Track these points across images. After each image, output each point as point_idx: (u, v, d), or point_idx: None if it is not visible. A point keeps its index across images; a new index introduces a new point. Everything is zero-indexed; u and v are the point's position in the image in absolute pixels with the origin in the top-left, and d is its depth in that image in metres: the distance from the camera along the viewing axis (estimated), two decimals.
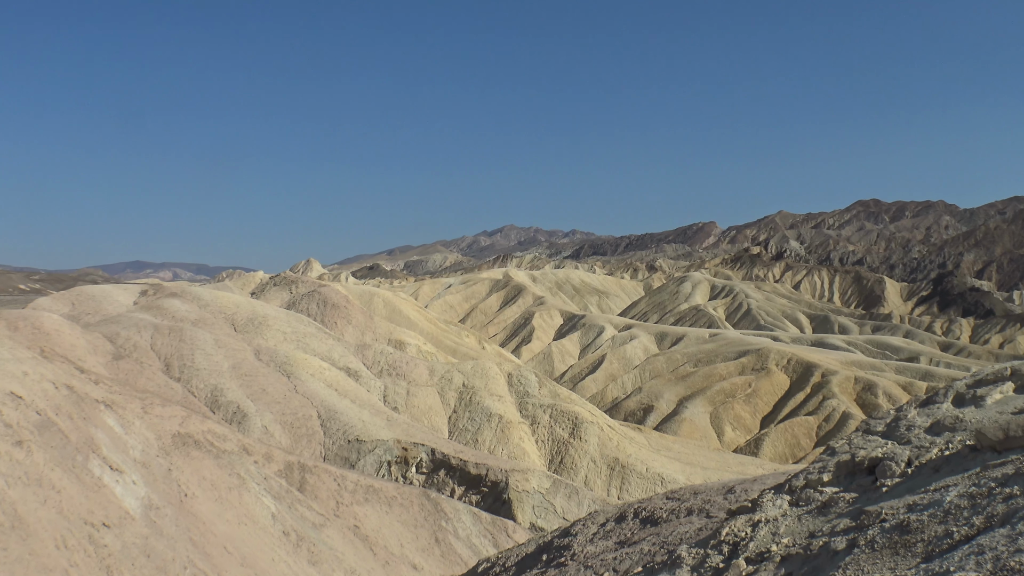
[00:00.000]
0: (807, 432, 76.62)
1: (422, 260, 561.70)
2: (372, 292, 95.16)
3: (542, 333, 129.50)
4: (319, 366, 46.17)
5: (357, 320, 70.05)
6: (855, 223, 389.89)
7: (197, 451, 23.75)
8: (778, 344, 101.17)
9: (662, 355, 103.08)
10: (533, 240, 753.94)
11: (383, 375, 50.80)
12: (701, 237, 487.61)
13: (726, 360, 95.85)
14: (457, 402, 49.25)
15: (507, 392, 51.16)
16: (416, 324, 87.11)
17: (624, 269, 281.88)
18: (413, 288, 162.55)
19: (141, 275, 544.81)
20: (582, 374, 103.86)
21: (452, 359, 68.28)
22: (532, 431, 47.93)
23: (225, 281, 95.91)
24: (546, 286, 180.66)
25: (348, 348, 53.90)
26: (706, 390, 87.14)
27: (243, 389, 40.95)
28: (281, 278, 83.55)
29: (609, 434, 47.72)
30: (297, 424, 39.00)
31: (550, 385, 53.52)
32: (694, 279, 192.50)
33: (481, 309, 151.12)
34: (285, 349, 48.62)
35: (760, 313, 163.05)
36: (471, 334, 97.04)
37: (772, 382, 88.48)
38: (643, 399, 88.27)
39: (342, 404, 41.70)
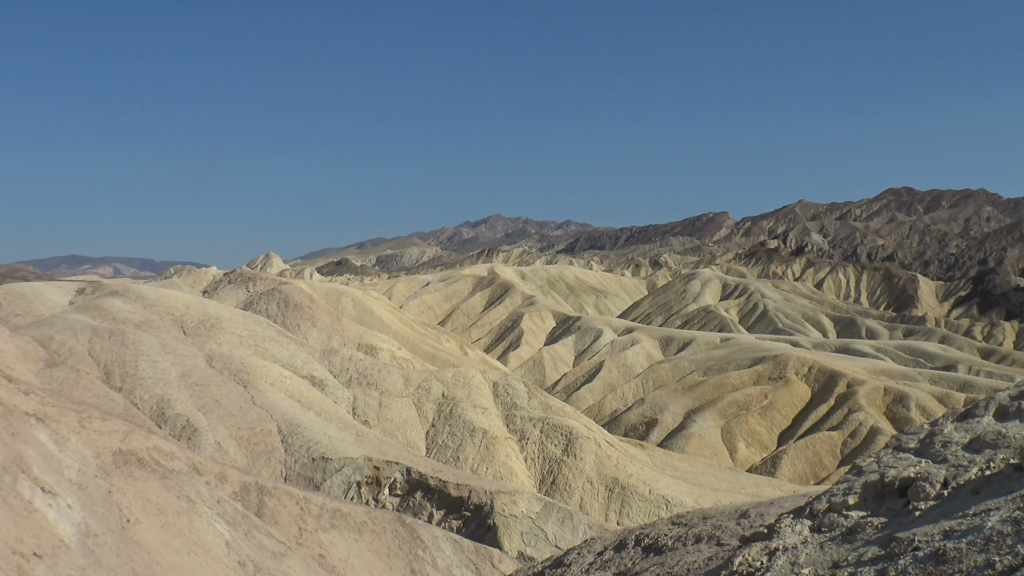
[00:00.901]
0: (830, 449, 76.87)
1: (396, 255, 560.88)
2: (340, 291, 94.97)
3: (532, 337, 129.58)
4: (279, 374, 46.08)
5: (323, 322, 69.93)
6: (885, 214, 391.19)
7: (141, 471, 23.67)
8: (798, 350, 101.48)
9: (667, 362, 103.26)
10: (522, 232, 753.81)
11: (352, 384, 50.74)
12: (711, 229, 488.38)
13: (739, 368, 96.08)
14: (436, 415, 49.23)
15: (492, 404, 51.18)
16: (390, 327, 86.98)
17: (624, 265, 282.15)
18: (386, 286, 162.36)
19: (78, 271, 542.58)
20: (577, 383, 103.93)
21: (430, 366, 68.25)
22: (520, 448, 47.96)
23: (173, 278, 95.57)
24: (536, 284, 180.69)
25: (312, 354, 53.82)
26: (717, 402, 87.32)
27: (193, 400, 40.84)
28: (237, 275, 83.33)
29: (607, 451, 47.77)
30: (255, 440, 38.92)
31: (541, 396, 53.55)
32: (703, 277, 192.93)
33: (463, 310, 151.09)
34: (241, 355, 48.52)
35: (778, 315, 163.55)
36: (452, 338, 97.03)
37: (791, 393, 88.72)
38: (646, 412, 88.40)
39: (306, 417, 41.64)
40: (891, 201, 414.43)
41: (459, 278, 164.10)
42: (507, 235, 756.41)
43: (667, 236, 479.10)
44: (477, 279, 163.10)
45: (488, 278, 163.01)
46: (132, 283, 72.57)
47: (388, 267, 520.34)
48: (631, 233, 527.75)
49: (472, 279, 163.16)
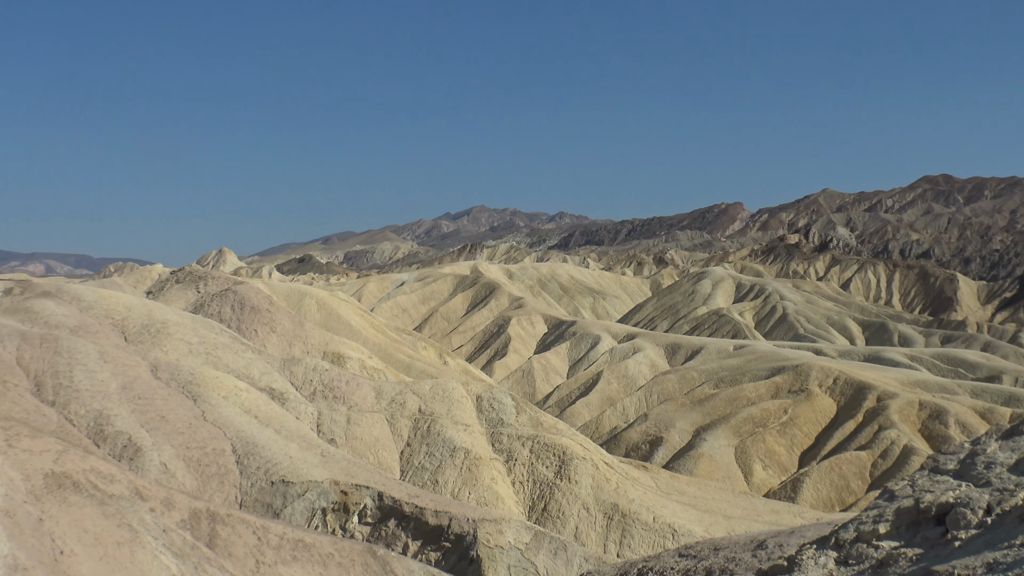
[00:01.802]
0: (859, 471, 77.06)
1: (367, 251, 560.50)
2: (303, 291, 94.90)
3: (521, 344, 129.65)
4: (234, 386, 46.00)
5: (283, 327, 69.86)
6: (920, 205, 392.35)
7: (77, 496, 23.61)
8: (822, 359, 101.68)
9: (674, 373, 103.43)
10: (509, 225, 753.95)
11: (316, 398, 50.68)
12: (724, 222, 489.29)
13: (755, 379, 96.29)
14: (412, 433, 49.22)
15: (476, 420, 51.19)
16: (359, 332, 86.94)
17: (625, 262, 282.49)
18: (355, 286, 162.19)
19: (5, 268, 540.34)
20: (572, 397, 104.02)
21: (405, 377, 68.21)
22: (508, 469, 47.98)
23: (113, 277, 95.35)
24: (526, 284, 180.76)
25: (272, 363, 53.75)
26: (730, 418, 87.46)
27: (136, 416, 40.75)
28: (185, 273, 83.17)
29: (606, 473, 47.82)
30: (206, 461, 38.84)
31: (531, 411, 53.57)
32: (715, 276, 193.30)
33: (443, 313, 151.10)
34: (191, 364, 48.43)
35: (799, 319, 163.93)
36: (430, 345, 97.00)
37: (814, 407, 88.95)
38: (650, 429, 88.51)
39: (264, 435, 41.58)
40: (927, 190, 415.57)
41: (438, 277, 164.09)
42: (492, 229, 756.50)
43: (673, 230, 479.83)
44: (458, 278, 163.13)
45: (471, 277, 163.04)
46: (67, 282, 72.27)
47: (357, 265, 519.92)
48: (633, 227, 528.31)
49: (453, 278, 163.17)
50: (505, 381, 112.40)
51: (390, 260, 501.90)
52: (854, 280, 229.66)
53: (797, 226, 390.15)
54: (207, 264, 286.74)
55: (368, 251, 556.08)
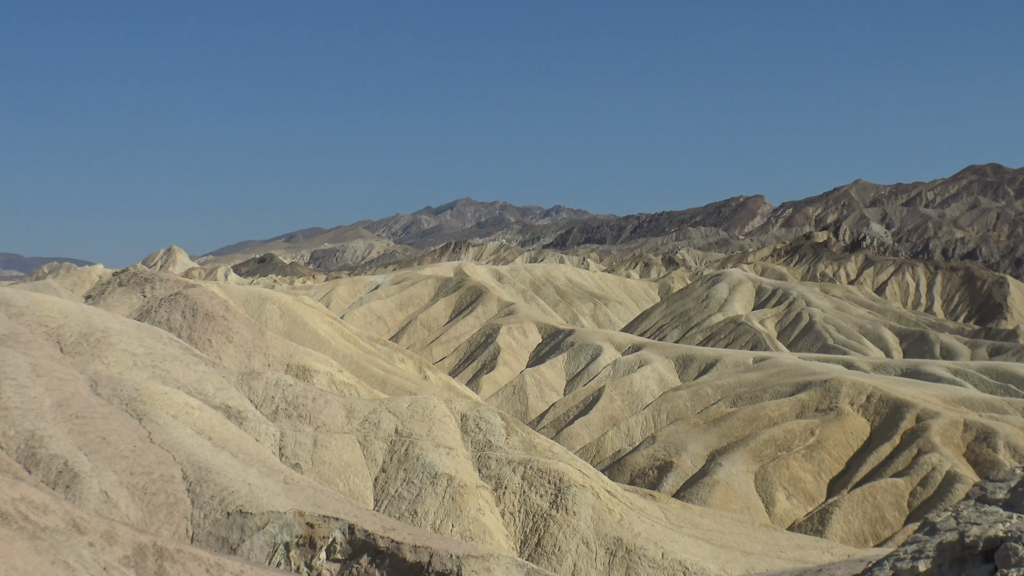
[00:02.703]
0: (895, 500, 77.19)
1: (336, 250, 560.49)
2: (263, 296, 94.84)
3: (511, 356, 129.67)
4: (185, 404, 45.94)
5: (241, 337, 69.76)
6: (965, 198, 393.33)
7: (5, 528, 23.57)
8: (853, 373, 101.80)
9: (685, 389, 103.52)
10: (498, 221, 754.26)
11: (279, 417, 50.64)
12: (743, 217, 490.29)
13: (778, 396, 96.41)
14: (387, 457, 49.19)
15: (460, 442, 51.17)
16: (327, 343, 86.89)
17: (631, 263, 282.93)
18: (323, 290, 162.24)
19: None
20: (569, 416, 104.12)
21: (380, 394, 68.22)
22: (497, 499, 47.98)
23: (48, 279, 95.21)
24: (517, 287, 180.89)
25: (228, 378, 53.67)
26: (749, 440, 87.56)
27: (73, 437, 40.68)
28: (130, 275, 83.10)
29: (608, 503, 47.83)
30: (153, 489, 38.79)
31: (523, 432, 53.58)
32: (732, 278, 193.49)
33: (423, 321, 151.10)
34: (135, 379, 48.36)
35: (827, 328, 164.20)
36: (408, 357, 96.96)
37: (845, 428, 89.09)
38: (658, 453, 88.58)
39: (218, 459, 41.52)
40: (973, 182, 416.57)
41: (417, 280, 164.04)
42: (479, 225, 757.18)
43: (685, 227, 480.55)
44: (441, 281, 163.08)
45: (455, 280, 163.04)
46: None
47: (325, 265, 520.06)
48: (639, 223, 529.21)
49: (434, 281, 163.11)
50: (494, 398, 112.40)
51: (363, 260, 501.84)
52: (890, 284, 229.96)
53: (825, 222, 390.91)
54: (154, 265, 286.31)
55: (338, 250, 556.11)
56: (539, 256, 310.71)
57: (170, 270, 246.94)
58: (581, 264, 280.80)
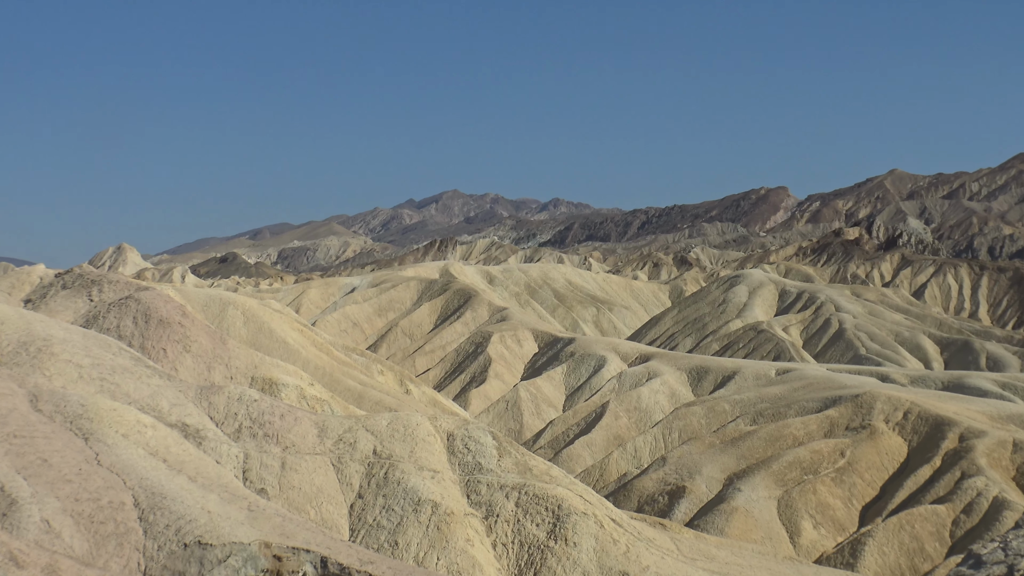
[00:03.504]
0: (936, 530, 77.27)
1: (307, 248, 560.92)
2: (225, 300, 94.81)
3: (504, 368, 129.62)
4: (137, 421, 45.90)
5: (200, 346, 69.73)
6: (1014, 190, 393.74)
7: None
8: (889, 387, 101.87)
9: (699, 404, 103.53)
10: (489, 215, 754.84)
11: (242, 436, 50.62)
12: (764, 212, 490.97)
13: (804, 413, 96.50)
14: (364, 481, 49.17)
15: (446, 464, 51.15)
16: (297, 352, 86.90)
17: (638, 263, 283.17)
18: (293, 293, 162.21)
19: None
20: (569, 435, 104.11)
21: (356, 410, 68.13)
22: (488, 528, 47.97)
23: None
24: (511, 291, 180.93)
25: (185, 392, 53.64)
26: (771, 462, 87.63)
27: (11, 459, 40.63)
28: (75, 276, 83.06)
29: (613, 533, 47.84)
30: (100, 517, 38.75)
31: (517, 453, 53.57)
32: (752, 280, 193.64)
33: (404, 328, 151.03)
34: (81, 393, 48.29)
35: (859, 336, 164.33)
36: (388, 369, 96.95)
37: (879, 449, 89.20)
38: (669, 476, 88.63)
39: (174, 484, 41.48)
40: (1023, 171, 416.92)
41: (398, 282, 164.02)
42: (468, 220, 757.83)
43: (699, 222, 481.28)
44: (425, 283, 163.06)
45: (441, 282, 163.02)
46: None
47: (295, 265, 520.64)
48: (647, 218, 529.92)
49: (417, 283, 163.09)
50: (484, 415, 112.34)
51: (337, 260, 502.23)
52: (930, 286, 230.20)
53: (857, 217, 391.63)
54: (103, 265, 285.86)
55: (309, 248, 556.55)
56: (535, 255, 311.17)
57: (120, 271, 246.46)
58: (582, 264, 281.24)
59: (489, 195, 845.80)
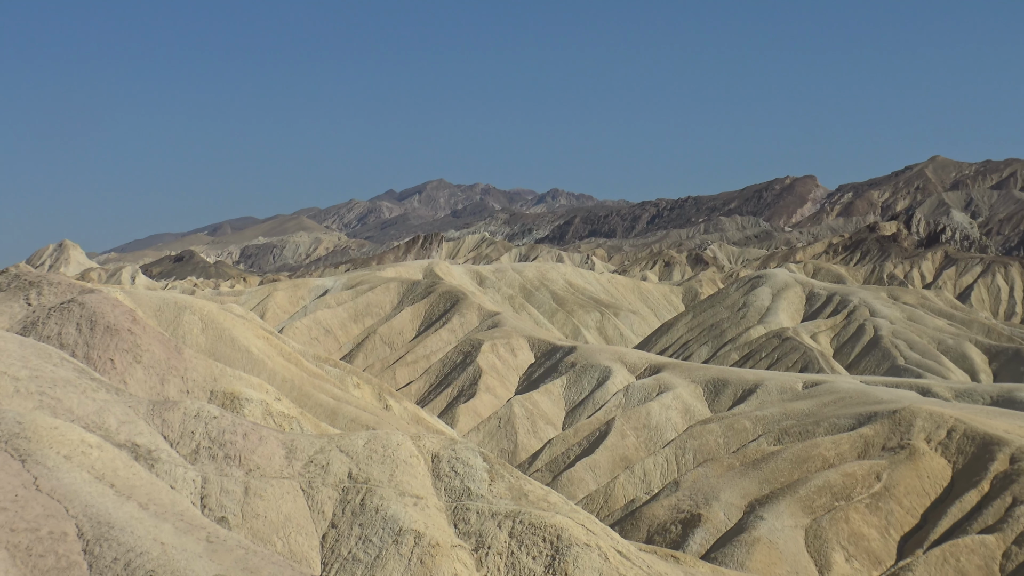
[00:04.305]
0: (984, 563, 77.32)
1: (274, 245, 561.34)
2: (181, 304, 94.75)
3: (496, 380, 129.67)
4: (81, 441, 45.86)
5: (153, 356, 69.71)
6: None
7: None
8: (930, 402, 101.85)
9: (717, 421, 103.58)
10: (480, 208, 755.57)
11: (200, 458, 50.57)
12: (789, 204, 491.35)
13: (835, 431, 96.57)
14: (338, 508, 49.14)
15: (431, 490, 51.13)
16: (262, 363, 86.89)
17: (647, 262, 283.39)
18: (258, 296, 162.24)
19: None
20: (570, 456, 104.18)
21: (329, 428, 68.18)
22: (477, 561, 47.96)
23: None
24: (504, 293, 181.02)
25: (136, 408, 53.61)
26: (798, 486, 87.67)
27: None
28: (10, 277, 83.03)
29: (620, 567, 47.86)
30: (39, 549, 38.72)
31: (511, 476, 53.57)
32: (776, 281, 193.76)
33: (383, 336, 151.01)
34: (17, 409, 48.25)
35: (897, 344, 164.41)
36: (365, 382, 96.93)
37: (919, 472, 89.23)
38: (682, 503, 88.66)
39: (123, 512, 41.45)
40: None
41: (377, 284, 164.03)
42: (455, 213, 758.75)
43: (716, 215, 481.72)
44: (406, 285, 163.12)
45: (424, 283, 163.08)
46: None
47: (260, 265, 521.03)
48: (658, 211, 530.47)
49: (398, 285, 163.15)
50: (474, 433, 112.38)
51: (307, 258, 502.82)
52: (977, 287, 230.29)
53: (894, 210, 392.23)
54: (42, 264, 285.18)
55: (276, 245, 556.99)
56: (531, 253, 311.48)
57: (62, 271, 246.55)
58: (584, 263, 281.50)
59: (479, 185, 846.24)
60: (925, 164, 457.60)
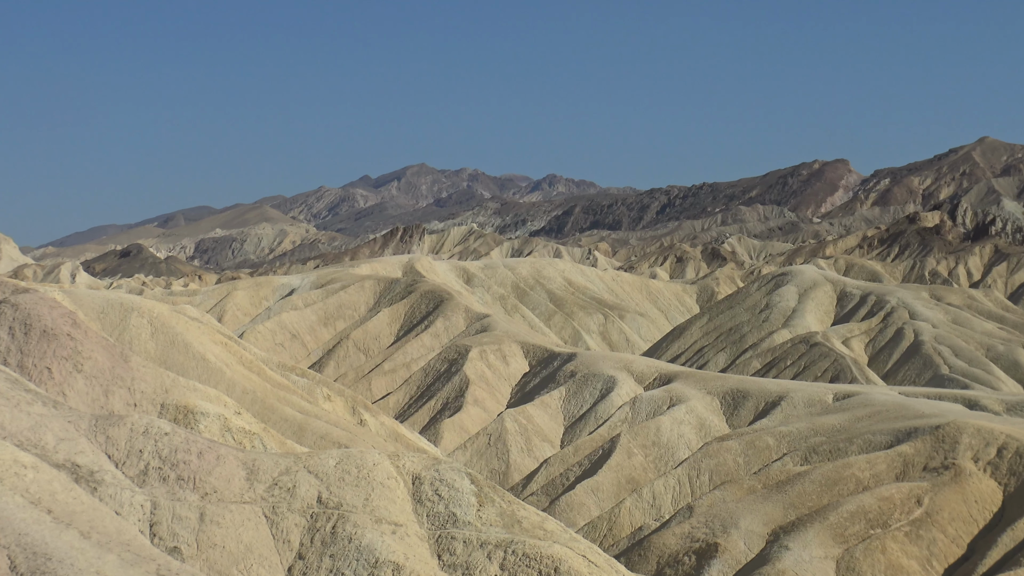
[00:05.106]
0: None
1: (233, 238, 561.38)
2: (129, 305, 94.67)
3: (485, 392, 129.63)
4: (13, 461, 45.87)
5: (96, 364, 69.70)
6: None
7: None
8: (978, 416, 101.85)
9: (736, 439, 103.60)
10: (467, 197, 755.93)
11: (149, 480, 50.58)
12: (819, 192, 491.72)
13: (870, 449, 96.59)
14: (306, 537, 49.17)
15: (411, 516, 51.16)
16: (220, 372, 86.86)
17: (656, 258, 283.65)
18: (215, 296, 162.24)
19: None
20: (569, 477, 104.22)
21: (296, 446, 68.20)
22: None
23: None
24: (495, 293, 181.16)
25: (77, 423, 53.61)
26: (828, 512, 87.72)
27: None
28: None
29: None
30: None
31: (502, 501, 53.60)
32: (803, 279, 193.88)
33: (358, 341, 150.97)
34: None
35: (940, 351, 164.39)
36: (337, 393, 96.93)
37: (966, 495, 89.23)
38: (697, 531, 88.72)
39: (62, 542, 41.46)
40: None
41: (350, 282, 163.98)
42: (439, 202, 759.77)
43: (735, 204, 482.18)
44: (384, 284, 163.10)
45: (404, 282, 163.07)
46: None
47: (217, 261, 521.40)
48: (669, 199, 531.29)
49: (374, 284, 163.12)
50: (461, 452, 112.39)
51: (271, 253, 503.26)
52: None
53: (937, 198, 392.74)
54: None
55: (235, 239, 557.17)
56: (525, 247, 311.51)
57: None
58: (586, 259, 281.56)
59: (466, 171, 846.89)
60: (972, 146, 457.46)
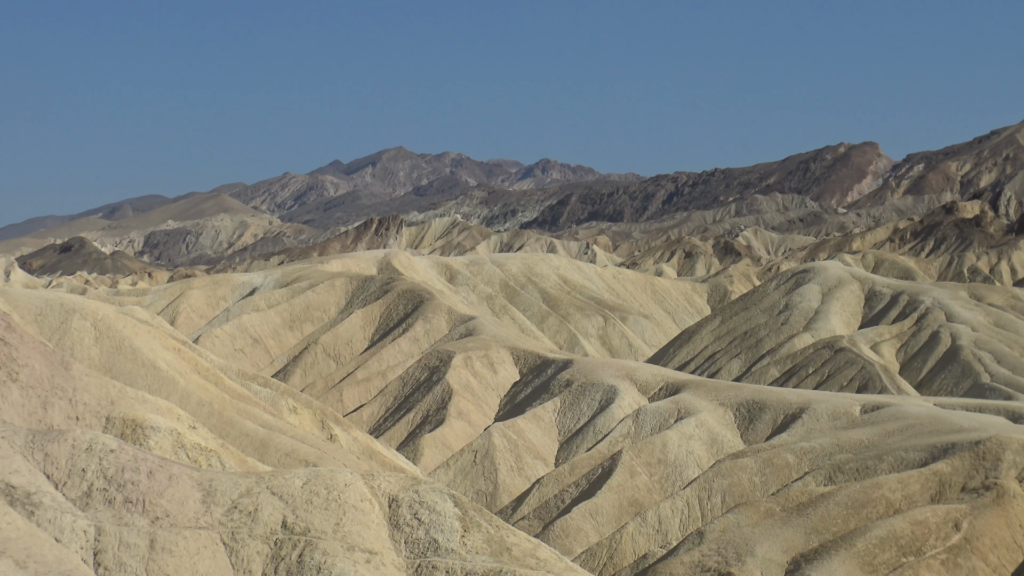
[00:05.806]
0: None
1: (187, 231, 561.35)
2: (70, 306, 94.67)
3: (470, 403, 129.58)
4: None
5: (32, 372, 69.62)
6: None
7: None
8: (1023, 430, 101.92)
9: (752, 456, 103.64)
10: (450, 184, 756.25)
11: (93, 503, 50.51)
12: (844, 179, 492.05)
13: (902, 467, 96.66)
14: (270, 566, 49.12)
15: (387, 542, 51.13)
16: (173, 381, 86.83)
17: (662, 253, 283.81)
18: (167, 296, 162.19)
19: None
20: (565, 499, 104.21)
21: (259, 464, 68.16)
22: None
23: None
24: (481, 292, 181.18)
25: (11, 439, 53.55)
26: (855, 538, 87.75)
27: None
28: None
29: None
30: None
31: (489, 526, 53.59)
32: (827, 277, 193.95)
33: (327, 346, 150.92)
34: None
35: (980, 357, 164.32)
36: (304, 405, 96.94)
37: (1009, 518, 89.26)
38: (708, 558, 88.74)
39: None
40: None
41: (319, 280, 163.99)
42: (418, 191, 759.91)
43: (750, 193, 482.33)
44: (356, 283, 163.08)
45: (379, 280, 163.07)
46: None
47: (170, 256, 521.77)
48: (676, 187, 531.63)
49: (346, 282, 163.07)
50: (443, 471, 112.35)
51: (230, 248, 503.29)
52: None
53: (977, 186, 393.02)
54: None
55: (189, 231, 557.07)
56: (515, 241, 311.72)
57: None
58: (583, 253, 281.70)
59: (449, 155, 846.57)
60: (1017, 127, 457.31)
